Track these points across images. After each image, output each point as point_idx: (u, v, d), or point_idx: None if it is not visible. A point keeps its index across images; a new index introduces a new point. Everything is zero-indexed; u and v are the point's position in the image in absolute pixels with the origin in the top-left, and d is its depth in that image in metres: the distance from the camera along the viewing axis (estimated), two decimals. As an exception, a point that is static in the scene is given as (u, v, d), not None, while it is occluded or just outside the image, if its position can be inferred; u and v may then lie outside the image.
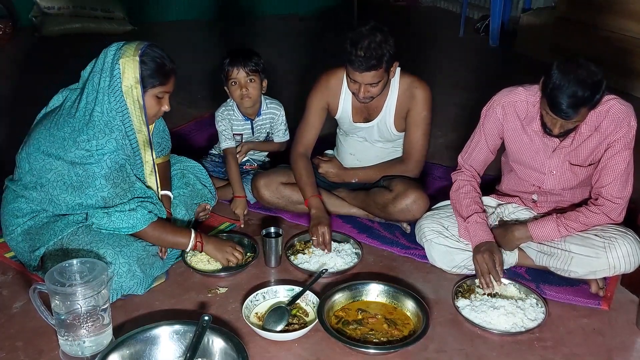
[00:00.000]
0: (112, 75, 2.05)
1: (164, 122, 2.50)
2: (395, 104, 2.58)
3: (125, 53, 2.07)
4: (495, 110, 2.28)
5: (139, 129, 2.15)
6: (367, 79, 2.35)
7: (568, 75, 1.93)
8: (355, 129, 2.71)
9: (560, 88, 1.94)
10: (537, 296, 2.20)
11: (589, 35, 4.87)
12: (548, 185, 2.31)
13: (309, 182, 2.66)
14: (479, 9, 7.00)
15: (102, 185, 2.06)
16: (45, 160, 2.09)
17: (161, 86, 2.13)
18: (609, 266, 2.16)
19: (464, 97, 4.35)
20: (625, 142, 2.12)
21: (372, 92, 2.42)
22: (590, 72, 1.94)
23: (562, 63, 1.97)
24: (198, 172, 2.68)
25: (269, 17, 7.18)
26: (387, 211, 2.59)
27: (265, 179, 2.74)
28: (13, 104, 4.14)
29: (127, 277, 2.11)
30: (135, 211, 2.12)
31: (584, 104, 1.95)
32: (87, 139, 2.03)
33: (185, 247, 2.28)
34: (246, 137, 2.97)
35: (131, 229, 2.13)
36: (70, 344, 1.84)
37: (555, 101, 1.96)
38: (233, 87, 2.80)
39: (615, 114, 2.10)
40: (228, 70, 2.78)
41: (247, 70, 2.75)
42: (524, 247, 2.35)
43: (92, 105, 2.06)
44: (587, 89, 1.93)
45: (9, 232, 2.23)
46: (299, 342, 1.98)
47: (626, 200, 2.19)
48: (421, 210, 2.53)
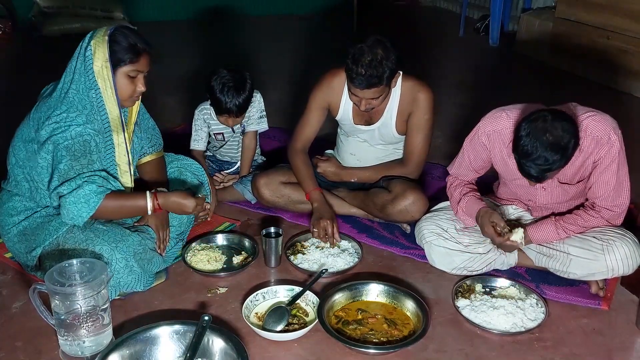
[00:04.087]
0: (85, 57, 2.07)
1: (152, 120, 2.49)
2: (397, 108, 2.57)
3: (96, 35, 2.09)
4: (481, 139, 2.26)
5: (111, 110, 2.14)
6: (367, 95, 2.35)
7: (535, 141, 1.91)
8: (356, 131, 2.71)
9: (528, 156, 1.93)
10: (537, 296, 2.20)
11: (589, 35, 4.87)
12: (540, 200, 2.32)
13: (308, 175, 2.66)
14: (479, 9, 7.01)
15: (61, 156, 2.03)
16: (27, 148, 2.11)
17: (131, 64, 2.11)
18: (607, 269, 2.16)
19: (464, 97, 4.35)
20: (610, 158, 2.08)
21: (373, 104, 2.41)
22: (558, 135, 1.91)
23: (530, 125, 1.94)
24: (195, 170, 2.68)
25: (270, 17, 7.19)
26: (386, 212, 2.59)
27: (266, 178, 2.74)
28: (13, 103, 4.14)
29: (124, 273, 2.11)
30: (82, 188, 2.03)
31: (553, 169, 1.95)
32: (59, 113, 2.04)
33: (145, 208, 2.17)
34: (227, 135, 2.96)
35: (86, 207, 2.03)
36: (70, 344, 1.84)
37: (524, 168, 1.97)
38: (221, 118, 2.83)
39: (593, 134, 2.06)
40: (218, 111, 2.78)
41: (236, 113, 2.77)
42: (524, 248, 2.35)
43: (68, 85, 2.08)
44: (555, 154, 1.91)
45: (5, 232, 2.24)
46: (299, 342, 1.98)
47: (624, 207, 2.18)
48: (420, 211, 2.53)
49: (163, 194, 2.20)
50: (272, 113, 4.12)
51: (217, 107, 2.77)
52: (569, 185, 2.21)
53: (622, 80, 4.59)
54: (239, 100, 2.73)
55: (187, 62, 5.24)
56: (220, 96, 2.72)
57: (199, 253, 2.41)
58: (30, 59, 5.41)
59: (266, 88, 4.67)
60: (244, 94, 2.74)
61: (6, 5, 5.94)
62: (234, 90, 2.71)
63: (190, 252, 2.43)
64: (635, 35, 4.51)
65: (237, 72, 2.76)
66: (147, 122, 2.46)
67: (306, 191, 2.64)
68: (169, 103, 4.24)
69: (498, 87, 4.84)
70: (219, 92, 2.71)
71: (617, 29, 4.64)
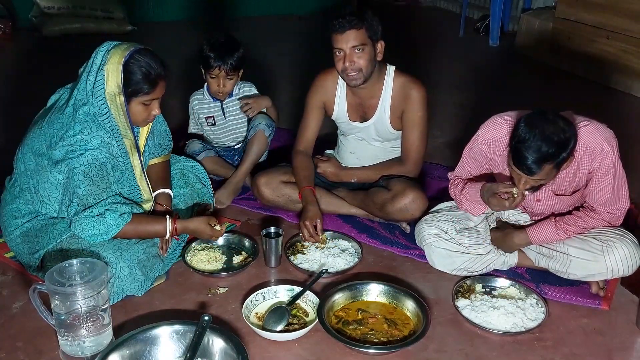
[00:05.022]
0: (96, 80, 2.05)
1: (165, 123, 2.50)
2: (390, 102, 2.60)
3: (111, 59, 2.05)
4: (481, 147, 2.26)
5: (125, 134, 2.15)
6: (350, 39, 2.39)
7: (534, 129, 1.90)
8: (352, 129, 2.72)
9: (524, 142, 1.91)
10: (537, 296, 2.19)
11: (589, 35, 4.87)
12: (537, 210, 2.31)
13: (305, 175, 2.68)
14: (479, 9, 7.01)
15: (79, 181, 2.03)
16: (37, 161, 2.09)
17: (146, 95, 2.10)
18: (607, 269, 2.16)
19: (464, 97, 4.36)
20: (604, 169, 2.07)
21: (358, 63, 2.43)
22: (558, 128, 1.90)
23: (530, 117, 1.94)
24: (198, 172, 2.68)
25: (269, 17, 7.19)
26: (386, 210, 2.59)
27: (266, 177, 2.75)
28: (13, 104, 4.14)
29: (128, 281, 2.12)
30: (104, 216, 2.06)
31: (547, 160, 1.92)
32: (73, 134, 2.03)
33: (163, 233, 2.21)
34: (218, 119, 3.03)
35: (104, 235, 2.07)
36: (70, 344, 1.84)
37: (518, 155, 1.94)
38: (211, 80, 2.89)
39: (587, 144, 2.04)
40: (208, 66, 2.84)
41: (227, 69, 2.83)
42: (524, 248, 2.35)
43: (80, 104, 2.06)
44: (552, 146, 1.89)
45: (8, 232, 2.24)
46: (299, 342, 1.98)
47: (623, 210, 2.17)
48: (419, 209, 2.54)
49: (182, 221, 2.26)
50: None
51: (208, 64, 2.84)
52: (565, 196, 2.21)
53: (622, 80, 4.59)
54: (230, 53, 2.82)
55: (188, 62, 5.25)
56: (210, 52, 2.81)
57: (199, 253, 2.41)
58: (30, 59, 5.41)
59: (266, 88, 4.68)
60: (235, 47, 2.85)
61: (6, 5, 5.95)
62: (224, 43, 2.84)
63: (191, 252, 2.43)
64: (635, 35, 4.51)
65: (227, 35, 2.91)
66: (160, 125, 2.46)
67: (299, 189, 2.66)
68: (168, 104, 4.23)
69: (498, 87, 4.85)
70: (209, 49, 2.82)
71: (617, 29, 4.64)
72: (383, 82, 2.59)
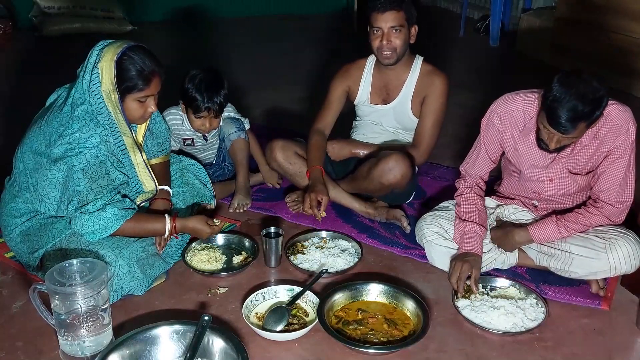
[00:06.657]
0: (91, 78, 2.05)
1: (165, 123, 2.50)
2: (414, 86, 2.69)
3: (104, 57, 2.05)
4: (493, 120, 2.27)
5: (124, 131, 2.15)
6: (389, 19, 2.51)
7: (569, 88, 1.90)
8: (372, 112, 2.81)
9: (560, 101, 1.90)
10: (537, 296, 2.19)
11: (589, 35, 4.87)
12: (548, 192, 2.30)
13: (317, 155, 2.73)
14: (479, 9, 7.00)
15: (78, 179, 2.03)
16: (36, 160, 2.09)
17: (140, 91, 2.09)
18: (609, 267, 2.16)
19: (464, 97, 4.35)
20: (624, 149, 2.09)
21: (394, 42, 2.55)
22: (592, 87, 1.90)
23: (564, 76, 1.94)
24: (197, 171, 2.68)
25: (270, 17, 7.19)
26: (371, 176, 2.59)
27: (283, 143, 2.82)
28: (13, 104, 4.14)
29: (127, 279, 2.12)
30: (104, 210, 2.06)
31: (582, 119, 1.92)
32: (72, 133, 2.03)
33: (163, 231, 2.22)
34: (198, 143, 2.91)
35: (104, 231, 2.07)
36: (70, 344, 1.84)
37: (553, 114, 1.93)
38: (195, 120, 2.74)
39: (614, 121, 2.06)
40: (196, 109, 2.69)
41: (216, 110, 2.71)
42: (525, 247, 2.35)
43: (78, 103, 2.07)
44: (587, 104, 1.89)
45: (7, 232, 2.24)
46: (299, 342, 1.98)
47: (627, 205, 2.18)
48: (403, 171, 2.53)
49: (181, 220, 2.27)
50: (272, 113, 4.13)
51: (195, 108, 2.69)
52: (579, 175, 2.21)
53: (622, 80, 4.59)
54: (217, 92, 2.68)
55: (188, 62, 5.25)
56: (197, 95, 2.66)
57: (199, 253, 2.41)
58: (30, 59, 5.41)
59: (266, 88, 4.68)
60: (220, 84, 2.71)
61: (6, 5, 5.95)
62: (211, 86, 2.67)
63: (191, 252, 2.43)
64: (635, 35, 4.51)
65: (210, 71, 2.74)
66: (160, 125, 2.46)
67: (308, 167, 2.71)
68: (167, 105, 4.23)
69: (498, 87, 4.81)
70: (195, 91, 2.66)
71: (617, 29, 4.64)
72: (411, 67, 2.72)
